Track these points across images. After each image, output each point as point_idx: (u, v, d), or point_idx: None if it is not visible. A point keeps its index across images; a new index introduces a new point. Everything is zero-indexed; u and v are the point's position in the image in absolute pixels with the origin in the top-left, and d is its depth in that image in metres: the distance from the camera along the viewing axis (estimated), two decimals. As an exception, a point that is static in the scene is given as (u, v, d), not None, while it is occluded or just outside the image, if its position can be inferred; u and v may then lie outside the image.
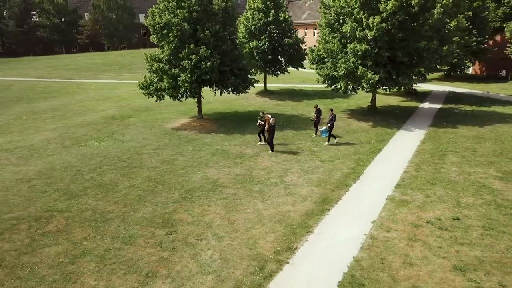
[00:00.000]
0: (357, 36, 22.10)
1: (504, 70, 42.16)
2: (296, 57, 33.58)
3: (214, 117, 26.71)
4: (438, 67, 28.76)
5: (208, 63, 21.60)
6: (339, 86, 23.53)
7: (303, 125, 23.61)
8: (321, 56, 24.22)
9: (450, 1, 22.44)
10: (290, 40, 32.33)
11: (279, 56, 33.50)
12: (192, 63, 21.77)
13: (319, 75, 25.01)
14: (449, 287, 8.53)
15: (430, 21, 21.47)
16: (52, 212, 12.81)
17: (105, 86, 42.04)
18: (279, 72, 34.11)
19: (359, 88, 23.74)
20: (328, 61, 23.97)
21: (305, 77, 44.16)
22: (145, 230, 11.52)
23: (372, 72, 21.85)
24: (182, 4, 22.18)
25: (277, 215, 12.24)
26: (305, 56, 35.42)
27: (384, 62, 22.49)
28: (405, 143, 19.71)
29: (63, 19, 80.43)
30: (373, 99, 26.82)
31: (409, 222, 11.47)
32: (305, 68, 34.14)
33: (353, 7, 22.56)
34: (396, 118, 25.14)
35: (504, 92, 34.27)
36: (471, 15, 35.80)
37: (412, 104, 30.23)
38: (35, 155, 19.12)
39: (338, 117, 25.47)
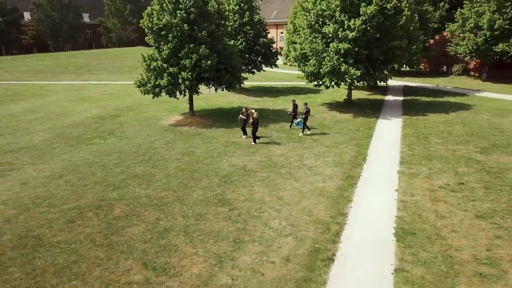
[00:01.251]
0: (339, 36, 24.70)
1: (445, 66, 47.53)
2: (269, 56, 35.73)
3: (204, 113, 28.02)
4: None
5: (208, 62, 23.02)
6: (324, 82, 25.94)
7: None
8: (306, 54, 26.49)
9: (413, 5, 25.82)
10: (265, 39, 34.39)
11: (253, 55, 35.45)
12: (193, 61, 23.04)
13: (303, 72, 27.33)
14: (479, 229, 11.09)
15: (401, 22, 24.63)
16: (107, 201, 13.75)
17: (71, 87, 41.22)
18: (255, 70, 36.02)
19: (340, 84, 26.39)
20: (312, 59, 26.31)
21: (270, 75, 46.46)
22: (208, 209, 12.96)
23: (355, 69, 24.56)
24: (180, 6, 23.33)
25: (315, 191, 14.23)
26: (278, 55, 37.76)
27: (363, 60, 25.31)
28: (389, 130, 22.58)
29: (1, 19, 75.87)
30: (349, 93, 29.73)
31: (426, 188, 14.03)
32: (277, 66, 36.41)
33: (334, 10, 25.10)
34: (371, 109, 28.17)
35: (450, 85, 39.02)
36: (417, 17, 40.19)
37: (378, 97, 33.65)
38: (46, 154, 19.39)
39: (321, 110, 28.15)
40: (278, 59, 37.41)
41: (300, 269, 9.56)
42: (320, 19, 26.51)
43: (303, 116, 21.77)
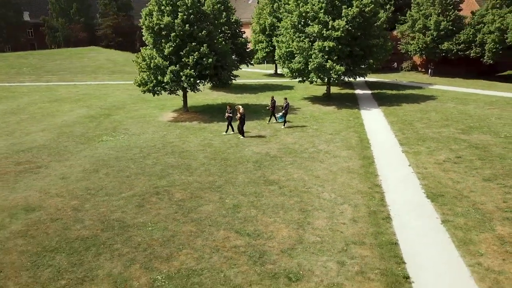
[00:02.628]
0: (324, 35, 27.17)
1: (395, 63, 52.31)
2: (245, 55, 37.50)
3: (195, 110, 29.16)
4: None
5: (209, 60, 24.36)
6: (311, 78, 28.27)
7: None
8: (293, 52, 28.67)
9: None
10: (242, 39, 36.10)
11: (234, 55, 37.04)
12: (194, 59, 24.24)
13: (289, 69, 29.51)
14: (490, 188, 13.87)
15: (377, 23, 27.68)
16: (162, 187, 14.84)
17: (38, 88, 39.89)
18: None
19: (325, 79, 28.93)
20: (298, 57, 28.54)
21: (241, 74, 48.13)
22: (260, 188, 14.58)
23: (339, 65, 27.17)
24: (179, 8, 24.37)
25: (343, 169, 16.37)
26: (252, 55, 39.62)
27: (344, 56, 28.01)
28: (375, 119, 25.38)
29: None
30: (328, 88, 32.42)
31: (433, 162, 16.74)
32: (253, 64, 38.29)
33: (317, 12, 27.53)
34: (349, 102, 31.02)
35: (405, 80, 43.42)
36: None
37: (349, 91, 36.76)
38: (63, 152, 19.68)
39: (305, 104, 30.52)
40: (253, 57, 39.29)
41: (369, 226, 11.61)
42: (303, 20, 28.85)
43: (283, 110, 23.20)
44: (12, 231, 11.73)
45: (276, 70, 49.96)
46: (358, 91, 36.53)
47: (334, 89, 37.21)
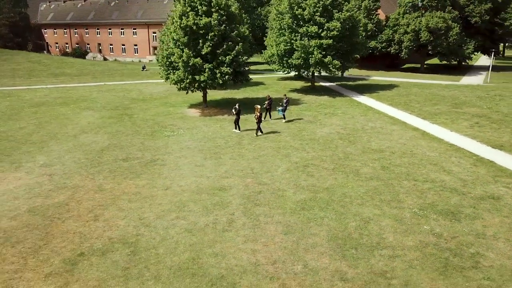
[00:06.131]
0: (321, 34, 31.75)
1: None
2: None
3: (211, 105, 30.88)
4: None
5: (245, 57, 26.84)
6: (311, 71, 32.57)
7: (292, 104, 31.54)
8: (294, 49, 32.53)
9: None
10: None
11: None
12: (231, 57, 26.41)
13: (285, 65, 33.48)
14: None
15: (360, 24, 33.36)
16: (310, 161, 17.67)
17: (23, 92, 35.97)
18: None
19: (321, 72, 33.59)
20: (297, 53, 32.50)
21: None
22: (383, 155, 18.50)
23: (335, 60, 32.06)
24: (212, 9, 26.17)
25: (412, 138, 21.14)
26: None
27: (336, 53, 33.02)
28: (373, 103, 30.76)
29: None
30: (313, 81, 37.16)
31: (466, 127, 22.65)
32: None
33: (313, 15, 31.93)
34: (333, 93, 36.13)
35: (346, 73, 50.63)
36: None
37: (322, 84, 41.80)
38: (151, 147, 20.48)
39: (297, 96, 34.72)
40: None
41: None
42: (295, 22, 32.96)
43: (285, 105, 25.64)
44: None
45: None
46: (326, 84, 41.86)
47: (297, 84, 41.84)
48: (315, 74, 36.43)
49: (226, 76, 26.47)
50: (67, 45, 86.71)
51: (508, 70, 52.95)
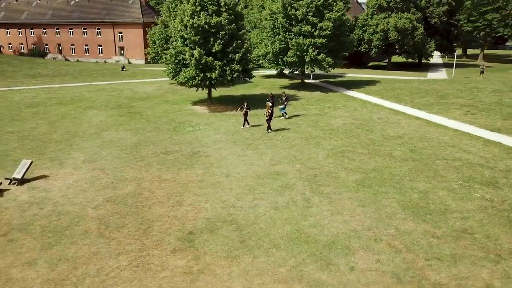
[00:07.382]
0: (315, 33, 33.69)
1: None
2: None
3: (214, 102, 31.75)
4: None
5: (253, 54, 28.07)
6: (306, 68, 34.38)
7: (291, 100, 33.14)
8: (289, 48, 34.14)
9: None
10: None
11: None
12: (240, 56, 27.55)
13: (279, 63, 35.06)
14: (515, 123, 23.20)
15: (348, 23, 35.69)
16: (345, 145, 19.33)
17: (7, 94, 34.38)
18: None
19: (314, 69, 35.52)
20: (292, 51, 34.17)
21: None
22: (414, 143, 20.58)
23: (327, 57, 34.12)
24: (222, 8, 27.19)
25: (421, 125, 23.51)
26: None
27: (328, 51, 35.10)
28: (367, 98, 33.17)
29: None
30: (303, 78, 39.00)
31: (461, 115, 25.42)
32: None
33: (306, 15, 33.78)
34: (322, 88, 38.21)
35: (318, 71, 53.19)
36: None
37: (308, 81, 43.68)
38: (185, 142, 21.26)
39: (291, 93, 36.15)
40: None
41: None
42: (288, 21, 34.67)
43: (285, 103, 26.84)
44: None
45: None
46: (312, 81, 43.86)
47: (284, 81, 43.67)
48: (305, 71, 38.22)
49: (236, 73, 27.54)
50: (22, 46, 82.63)
51: (464, 67, 58.02)
